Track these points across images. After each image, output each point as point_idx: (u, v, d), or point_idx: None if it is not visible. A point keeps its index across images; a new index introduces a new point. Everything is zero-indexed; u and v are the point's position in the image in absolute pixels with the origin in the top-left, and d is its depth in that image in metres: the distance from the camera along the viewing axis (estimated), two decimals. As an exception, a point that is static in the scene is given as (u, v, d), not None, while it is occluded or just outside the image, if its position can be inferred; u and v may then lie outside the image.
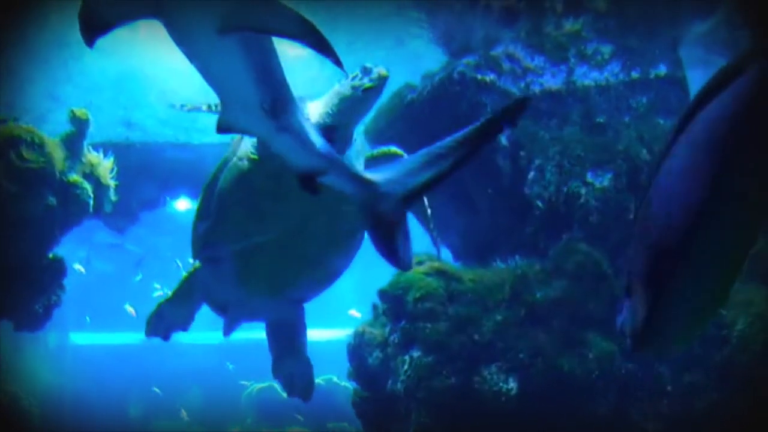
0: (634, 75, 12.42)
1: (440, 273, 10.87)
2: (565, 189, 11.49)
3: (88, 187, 11.82)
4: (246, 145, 8.79)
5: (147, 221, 16.78)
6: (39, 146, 11.33)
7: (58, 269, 12.38)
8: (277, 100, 5.78)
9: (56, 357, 25.99)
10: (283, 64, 5.82)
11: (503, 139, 12.06)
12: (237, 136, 9.06)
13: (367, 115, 9.47)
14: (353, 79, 8.90)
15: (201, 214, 9.27)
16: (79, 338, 29.30)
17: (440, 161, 6.42)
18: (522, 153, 11.89)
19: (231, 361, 28.88)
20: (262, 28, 5.08)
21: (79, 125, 11.76)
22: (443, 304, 10.56)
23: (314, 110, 8.93)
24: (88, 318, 30.77)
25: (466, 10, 12.35)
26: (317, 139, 6.47)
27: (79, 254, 25.98)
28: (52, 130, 12.11)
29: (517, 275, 10.81)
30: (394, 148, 9.79)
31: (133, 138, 15.86)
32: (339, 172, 6.43)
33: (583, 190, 11.45)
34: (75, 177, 11.68)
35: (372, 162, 9.52)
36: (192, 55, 5.21)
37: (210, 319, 10.29)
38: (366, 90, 8.70)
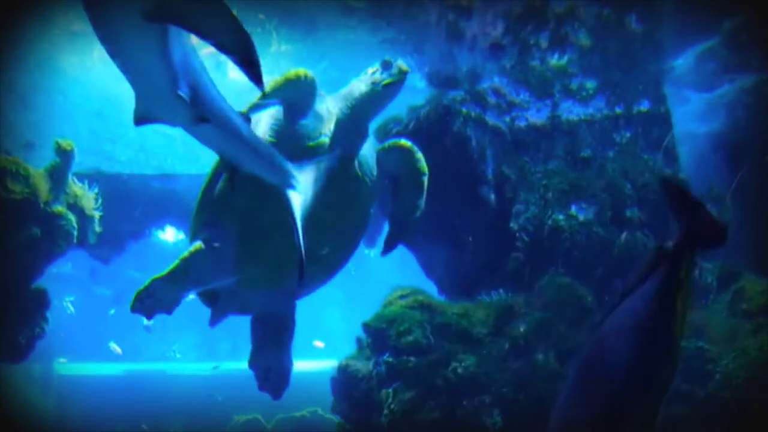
0: (618, 110, 12.56)
1: (424, 306, 10.86)
2: (549, 222, 11.57)
3: (72, 218, 11.79)
4: (263, 129, 8.70)
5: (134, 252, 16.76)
6: (24, 177, 11.31)
7: (41, 300, 12.28)
8: (196, 89, 5.64)
9: (40, 388, 25.73)
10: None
11: (488, 173, 12.14)
12: (253, 119, 9.05)
13: (385, 109, 9.46)
14: (373, 74, 8.95)
15: (207, 192, 9.11)
16: (66, 369, 29.04)
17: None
18: (507, 186, 11.97)
19: (220, 392, 28.66)
20: (191, 26, 4.88)
21: (64, 156, 11.74)
22: (427, 338, 10.53)
23: (333, 104, 8.99)
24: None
25: (453, 44, 12.47)
26: (244, 128, 6.36)
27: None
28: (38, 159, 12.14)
29: (501, 309, 10.81)
30: (403, 141, 9.80)
31: (117, 169, 15.86)
32: (264, 161, 6.31)
33: (567, 224, 11.51)
34: (59, 208, 11.65)
35: (385, 152, 9.60)
36: (110, 40, 4.97)
37: (197, 349, 10.16)
38: (386, 85, 8.77)
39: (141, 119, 5.76)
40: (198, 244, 8.90)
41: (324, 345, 23.06)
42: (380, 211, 13.99)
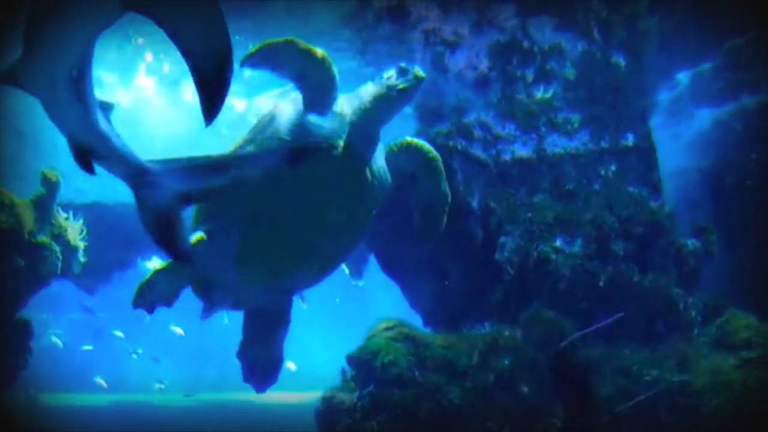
0: (604, 144, 12.63)
1: (409, 339, 10.82)
2: (535, 255, 11.59)
3: (56, 248, 11.76)
4: (277, 126, 8.77)
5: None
6: (8, 207, 11.29)
7: (24, 331, 12.19)
8: (83, 71, 5.49)
9: (24, 418, 25.43)
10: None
11: (474, 205, 12.19)
12: (265, 115, 9.04)
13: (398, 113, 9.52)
14: (388, 78, 9.01)
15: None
16: (51, 398, 28.76)
17: (221, 174, 6.54)
18: (492, 219, 12.00)
19: (210, 422, 28.43)
20: (164, 18, 4.51)
21: (50, 187, 11.75)
22: (412, 370, 10.49)
23: (347, 105, 9.03)
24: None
25: (439, 77, 12.57)
26: (101, 118, 6.14)
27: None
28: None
29: (486, 342, 10.78)
30: (409, 138, 9.87)
31: (104, 199, 15.82)
32: (115, 151, 6.22)
33: (552, 256, 11.55)
34: (43, 238, 11.63)
35: (395, 154, 9.68)
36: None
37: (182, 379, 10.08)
38: (401, 90, 8.83)
39: (21, 81, 5.57)
40: (199, 235, 8.87)
41: (295, 367, 22.97)
42: (365, 243, 14.04)
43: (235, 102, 15.56)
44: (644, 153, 12.85)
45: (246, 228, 8.94)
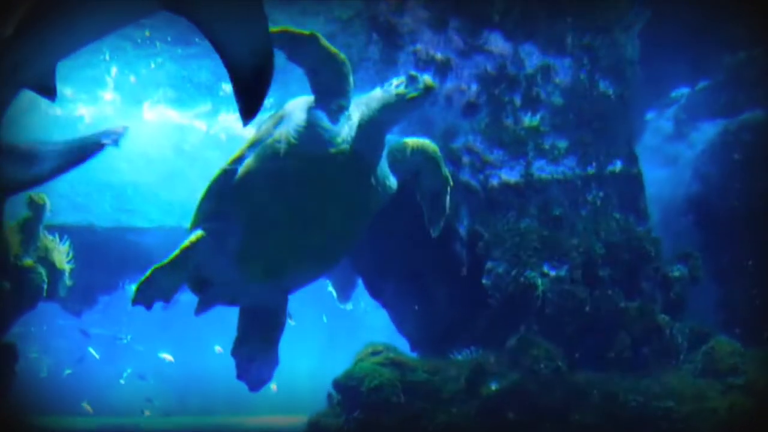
0: (591, 170, 12.67)
1: (395, 364, 10.84)
2: (521, 280, 11.59)
3: (42, 271, 11.72)
4: (285, 128, 8.78)
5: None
6: (-6, 230, 11.27)
7: (9, 355, 12.10)
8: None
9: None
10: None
11: (461, 230, 12.21)
12: (270, 117, 9.09)
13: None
14: (398, 86, 9.05)
15: (217, 183, 9.12)
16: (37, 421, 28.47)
17: (42, 163, 6.27)
18: (480, 244, 12.01)
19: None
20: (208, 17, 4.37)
21: (36, 210, 11.73)
22: (398, 396, 10.48)
23: (354, 109, 9.04)
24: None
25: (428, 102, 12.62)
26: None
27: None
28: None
29: (473, 367, 10.78)
30: (417, 141, 9.90)
31: (91, 222, 15.82)
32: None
33: (539, 282, 11.56)
34: (29, 261, 11.59)
35: (402, 158, 9.67)
36: None
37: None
38: (410, 99, 8.85)
39: None
40: (200, 233, 8.94)
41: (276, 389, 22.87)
42: (352, 266, 14.05)
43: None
44: (631, 179, 12.89)
45: (248, 228, 8.99)
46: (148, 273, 8.79)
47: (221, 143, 16.75)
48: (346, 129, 8.89)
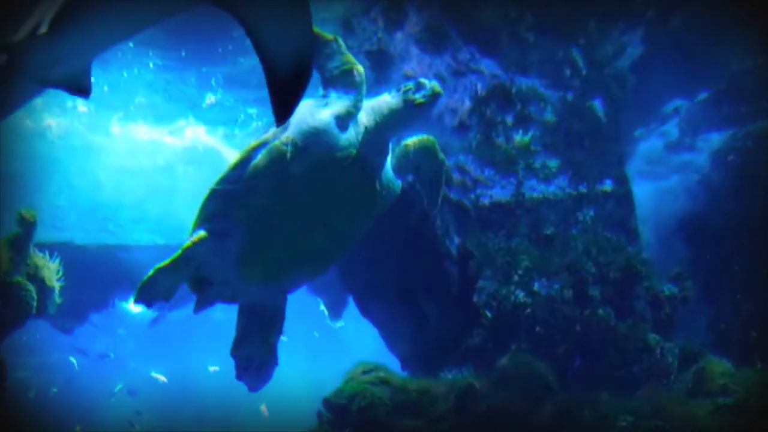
0: (582, 189, 12.72)
1: (386, 383, 10.79)
2: (512, 299, 11.58)
3: (31, 288, 11.64)
4: (292, 131, 8.82)
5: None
6: (-17, 247, 11.23)
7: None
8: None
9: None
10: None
11: (452, 249, 12.22)
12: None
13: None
14: (406, 92, 9.09)
15: (222, 185, 9.16)
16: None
17: None
18: (471, 262, 12.02)
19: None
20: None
21: (26, 227, 11.67)
22: (388, 415, 10.44)
23: (362, 114, 9.14)
24: None
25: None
26: None
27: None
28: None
29: (463, 386, 10.74)
30: (418, 139, 10.02)
31: (82, 239, 15.78)
32: None
33: (530, 301, 11.55)
34: (18, 278, 11.51)
35: (406, 158, 9.85)
36: None
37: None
38: (418, 104, 8.92)
39: None
40: (202, 233, 9.04)
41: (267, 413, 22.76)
42: (342, 285, 14.04)
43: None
44: (622, 198, 12.95)
45: (250, 230, 9.10)
46: (150, 272, 8.92)
47: (197, 156, 16.72)
48: (353, 133, 8.96)
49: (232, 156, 16.60)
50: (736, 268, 13.77)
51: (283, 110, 4.65)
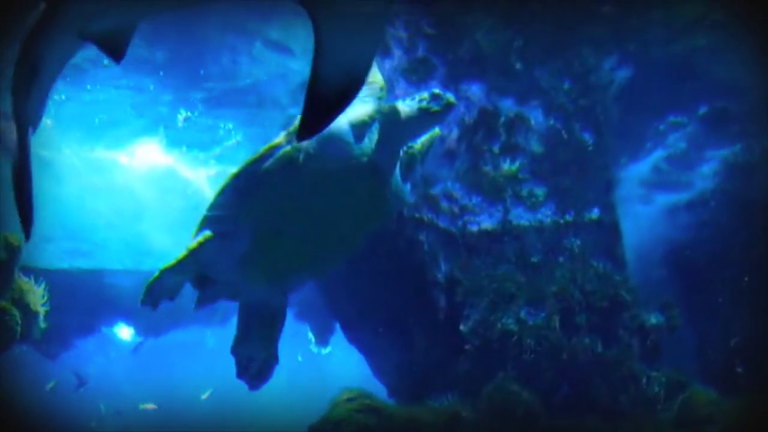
0: (568, 217, 12.74)
1: (372, 410, 10.73)
2: (499, 326, 11.58)
3: (16, 313, 11.58)
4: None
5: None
6: (-32, 271, 11.17)
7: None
8: None
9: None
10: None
11: (440, 276, 12.21)
12: (292, 126, 9.08)
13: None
14: (420, 101, 9.12)
15: (230, 187, 9.20)
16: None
17: None
18: (458, 290, 12.01)
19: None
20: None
21: (11, 252, 11.62)
22: (374, 442, 10.40)
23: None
24: None
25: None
26: None
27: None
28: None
29: (450, 414, 10.72)
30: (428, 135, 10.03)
31: (68, 264, 15.71)
32: None
33: (517, 328, 11.55)
34: (3, 303, 11.46)
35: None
36: None
37: None
38: (432, 113, 8.99)
39: None
40: (208, 234, 9.07)
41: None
42: (329, 311, 14.01)
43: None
44: (608, 226, 12.97)
45: (258, 232, 9.13)
46: (157, 273, 8.96)
47: (158, 178, 16.59)
48: (366, 141, 8.98)
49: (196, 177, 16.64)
50: (722, 296, 13.83)
51: (314, 124, 4.54)
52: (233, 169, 9.40)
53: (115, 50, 5.00)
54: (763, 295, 13.12)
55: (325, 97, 4.36)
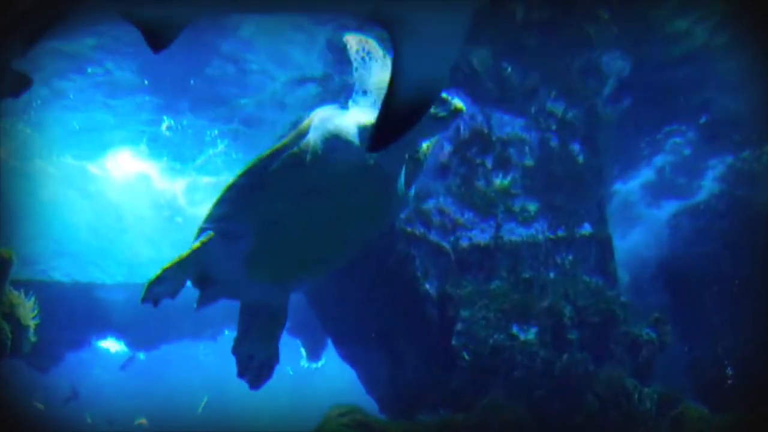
0: (561, 233, 12.76)
1: (363, 425, 10.71)
2: (490, 342, 11.56)
3: (6, 327, 11.52)
4: (313, 140, 8.79)
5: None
6: (-43, 285, 11.12)
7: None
8: None
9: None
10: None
11: (432, 291, 12.20)
12: (305, 125, 9.08)
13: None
14: None
15: (235, 187, 9.19)
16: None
17: None
18: (450, 305, 11.99)
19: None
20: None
21: (2, 265, 11.59)
22: (365, 458, 10.37)
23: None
24: None
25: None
26: None
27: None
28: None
29: (440, 430, 10.68)
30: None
31: (60, 277, 15.65)
32: None
33: (508, 344, 11.54)
34: (-7, 318, 11.43)
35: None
36: None
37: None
38: (440, 118, 8.89)
39: None
40: (210, 234, 9.08)
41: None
42: (322, 327, 13.98)
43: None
44: (601, 242, 12.99)
45: (261, 233, 9.13)
46: (158, 272, 8.91)
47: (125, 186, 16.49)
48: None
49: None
50: (713, 311, 13.85)
51: (386, 137, 4.65)
52: (215, 179, 9.44)
53: (158, 41, 4.91)
54: (755, 310, 13.18)
55: (398, 112, 4.50)
